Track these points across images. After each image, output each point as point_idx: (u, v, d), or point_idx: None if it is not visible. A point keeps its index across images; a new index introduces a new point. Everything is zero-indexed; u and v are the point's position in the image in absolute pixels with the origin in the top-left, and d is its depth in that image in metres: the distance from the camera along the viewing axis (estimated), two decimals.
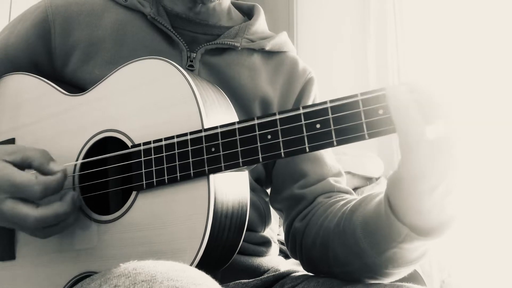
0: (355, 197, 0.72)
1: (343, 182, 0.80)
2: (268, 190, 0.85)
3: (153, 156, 0.59)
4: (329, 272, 0.69)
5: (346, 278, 0.66)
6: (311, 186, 0.76)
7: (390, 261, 0.57)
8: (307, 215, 0.74)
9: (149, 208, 0.59)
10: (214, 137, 0.55)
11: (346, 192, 0.78)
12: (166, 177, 0.58)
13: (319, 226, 0.70)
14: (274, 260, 0.81)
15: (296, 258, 0.78)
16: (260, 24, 0.84)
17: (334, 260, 0.65)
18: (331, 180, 0.78)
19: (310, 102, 0.83)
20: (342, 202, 0.69)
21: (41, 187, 0.57)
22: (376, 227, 0.55)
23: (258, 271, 0.76)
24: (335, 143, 0.48)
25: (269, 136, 0.52)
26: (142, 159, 0.60)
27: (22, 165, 0.60)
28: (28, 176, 0.57)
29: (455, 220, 0.49)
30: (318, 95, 0.86)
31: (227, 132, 0.55)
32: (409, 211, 0.49)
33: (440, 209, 0.47)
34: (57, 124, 0.69)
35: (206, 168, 0.55)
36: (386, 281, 0.62)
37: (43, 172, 0.60)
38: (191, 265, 0.54)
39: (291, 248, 0.78)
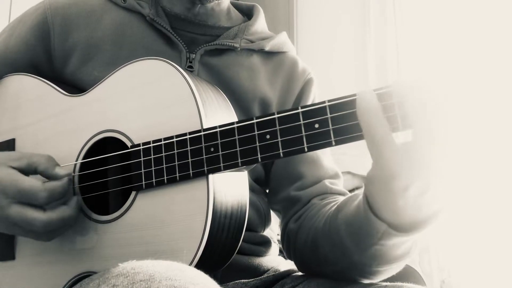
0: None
1: (340, 184, 0.80)
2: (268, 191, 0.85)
3: (152, 156, 0.59)
4: (320, 271, 0.69)
5: (337, 277, 0.66)
6: (307, 188, 0.77)
7: (373, 258, 0.57)
8: (301, 217, 0.75)
9: (148, 208, 0.59)
10: (213, 137, 0.55)
11: (341, 194, 0.78)
12: (165, 177, 0.58)
13: (309, 227, 0.70)
14: (274, 260, 0.81)
15: (290, 259, 0.78)
16: (260, 24, 0.84)
17: (324, 260, 0.66)
18: (327, 182, 0.78)
19: (309, 103, 0.83)
20: (332, 204, 0.70)
21: (47, 193, 0.57)
22: (357, 225, 0.56)
23: (258, 271, 0.76)
24: (333, 142, 0.48)
25: (267, 136, 0.52)
26: (142, 159, 0.60)
27: (28, 171, 0.60)
28: (34, 182, 0.58)
29: (433, 218, 0.50)
30: (317, 96, 0.86)
31: (226, 132, 0.55)
32: (384, 208, 0.50)
33: (416, 208, 0.48)
34: (57, 125, 0.69)
35: (205, 168, 0.55)
36: (375, 279, 0.63)
37: (49, 176, 0.60)
38: (190, 265, 0.54)
39: (286, 248, 0.78)
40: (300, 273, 0.76)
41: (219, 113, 0.61)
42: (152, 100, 0.62)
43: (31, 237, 0.61)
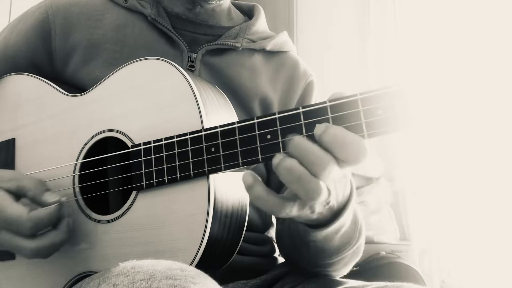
0: None
1: None
2: None
3: (153, 156, 0.59)
4: (301, 267, 0.72)
5: (310, 270, 0.70)
6: None
7: (317, 255, 0.62)
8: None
9: (149, 208, 0.59)
10: (214, 136, 0.55)
11: None
12: (166, 177, 0.58)
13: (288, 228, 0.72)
14: (275, 260, 0.81)
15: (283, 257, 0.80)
16: (261, 24, 0.84)
17: (298, 260, 0.70)
18: None
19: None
20: None
21: (31, 223, 0.57)
22: (291, 233, 0.63)
23: (258, 271, 0.76)
24: None
25: (268, 136, 0.52)
26: (142, 159, 0.60)
27: (18, 194, 0.60)
28: (19, 211, 0.57)
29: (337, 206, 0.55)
30: (318, 99, 0.86)
31: (227, 132, 0.55)
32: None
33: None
34: (57, 124, 0.69)
35: (206, 168, 0.55)
36: (340, 270, 0.69)
37: (37, 203, 0.60)
38: (190, 264, 0.54)
39: (278, 247, 0.80)
40: (300, 274, 0.76)
41: (220, 113, 0.61)
42: (153, 100, 0.62)
43: None
